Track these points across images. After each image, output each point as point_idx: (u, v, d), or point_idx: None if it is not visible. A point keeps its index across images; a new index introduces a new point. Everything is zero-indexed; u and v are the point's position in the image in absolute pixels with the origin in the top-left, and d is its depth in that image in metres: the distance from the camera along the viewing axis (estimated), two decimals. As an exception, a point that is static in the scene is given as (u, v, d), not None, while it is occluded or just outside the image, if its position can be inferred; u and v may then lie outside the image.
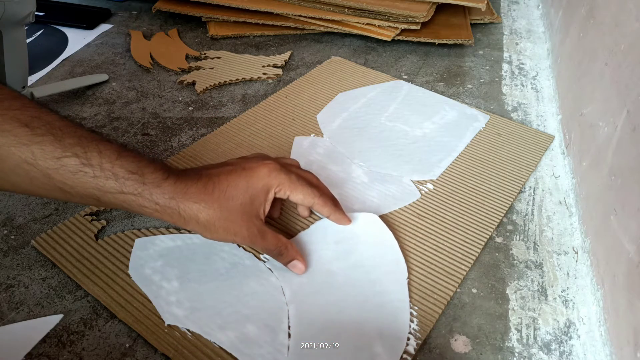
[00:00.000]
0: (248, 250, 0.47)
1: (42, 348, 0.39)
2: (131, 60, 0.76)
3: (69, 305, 0.42)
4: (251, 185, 0.40)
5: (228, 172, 0.41)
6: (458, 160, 0.58)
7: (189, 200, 0.38)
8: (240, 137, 0.60)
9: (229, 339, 0.39)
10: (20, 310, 0.42)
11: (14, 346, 0.39)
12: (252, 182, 0.41)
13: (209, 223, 0.39)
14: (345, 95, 0.68)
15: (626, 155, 0.43)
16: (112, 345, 0.40)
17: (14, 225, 0.49)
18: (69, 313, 0.42)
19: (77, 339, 0.40)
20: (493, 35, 0.85)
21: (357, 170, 0.56)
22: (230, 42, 0.81)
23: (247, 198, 0.40)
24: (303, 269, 0.44)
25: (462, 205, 0.53)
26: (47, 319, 0.41)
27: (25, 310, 0.42)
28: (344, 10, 0.79)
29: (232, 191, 0.40)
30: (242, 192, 0.40)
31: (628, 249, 0.39)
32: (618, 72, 0.48)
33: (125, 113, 0.64)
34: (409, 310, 0.42)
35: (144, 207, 0.37)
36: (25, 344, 0.39)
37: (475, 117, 0.65)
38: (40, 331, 0.40)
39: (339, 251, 0.46)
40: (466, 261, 0.47)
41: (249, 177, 0.41)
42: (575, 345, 0.41)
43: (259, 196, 0.41)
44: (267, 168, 0.41)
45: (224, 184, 0.40)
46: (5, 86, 0.35)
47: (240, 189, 0.40)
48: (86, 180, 0.35)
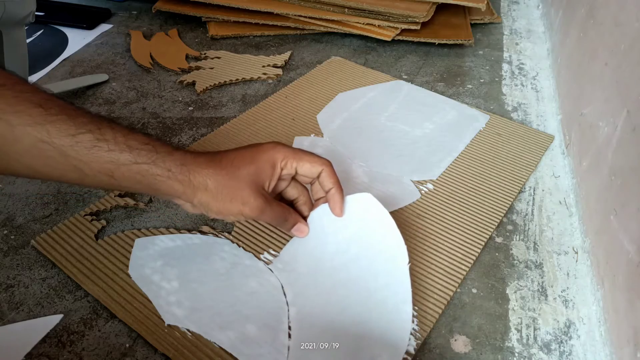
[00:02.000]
0: (248, 250, 0.47)
1: (42, 348, 0.39)
2: (131, 60, 0.76)
3: (69, 305, 0.42)
4: (257, 157, 0.42)
5: (235, 149, 0.43)
6: (458, 160, 0.58)
7: (199, 166, 0.39)
8: (240, 137, 0.60)
9: (229, 339, 0.39)
10: (20, 310, 0.42)
11: (14, 346, 0.39)
12: (258, 154, 0.42)
13: (217, 190, 0.40)
14: (345, 95, 0.68)
15: (626, 155, 0.43)
16: (112, 345, 0.40)
17: (14, 225, 0.49)
18: (69, 313, 0.42)
19: (77, 339, 0.40)
20: (493, 35, 0.85)
21: (357, 171, 0.56)
22: (230, 42, 0.81)
23: (253, 169, 0.41)
24: (307, 230, 0.46)
25: (462, 205, 0.52)
26: (47, 319, 0.41)
27: (25, 310, 0.42)
28: (344, 10, 0.79)
29: (239, 162, 0.41)
30: (248, 163, 0.41)
31: (628, 249, 0.39)
32: (618, 72, 0.48)
33: (125, 113, 0.64)
34: (411, 308, 0.41)
35: (157, 175, 0.38)
36: (25, 343, 0.39)
37: (475, 117, 0.65)
38: (40, 331, 0.40)
39: (339, 242, 0.45)
40: (466, 261, 0.47)
41: (255, 151, 0.42)
42: (575, 345, 0.41)
43: (265, 168, 0.42)
44: (274, 144, 0.43)
45: (232, 156, 0.41)
46: (14, 73, 0.36)
47: (246, 160, 0.41)
48: (101, 155, 0.35)
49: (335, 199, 0.44)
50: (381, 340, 0.40)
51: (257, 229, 0.49)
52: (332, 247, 0.45)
